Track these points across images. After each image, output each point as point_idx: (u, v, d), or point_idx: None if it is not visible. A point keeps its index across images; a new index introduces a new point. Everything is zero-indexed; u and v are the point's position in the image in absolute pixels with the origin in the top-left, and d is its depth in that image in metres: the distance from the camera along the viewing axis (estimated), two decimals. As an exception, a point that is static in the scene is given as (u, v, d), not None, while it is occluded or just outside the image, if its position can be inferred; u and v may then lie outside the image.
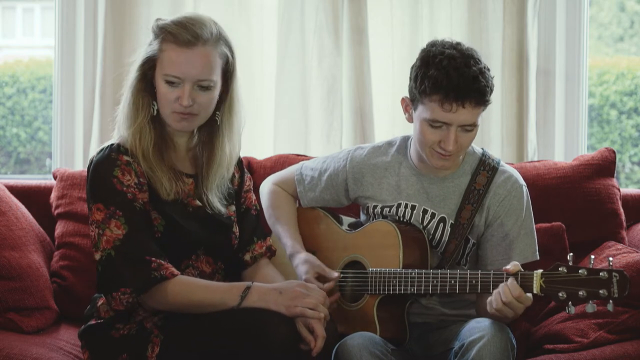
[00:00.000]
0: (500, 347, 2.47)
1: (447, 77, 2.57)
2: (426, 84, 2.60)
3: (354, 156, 2.88)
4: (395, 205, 2.79)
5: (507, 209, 2.73)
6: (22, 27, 4.46)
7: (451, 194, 2.76)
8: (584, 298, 2.40)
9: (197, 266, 2.60)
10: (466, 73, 2.57)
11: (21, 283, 2.92)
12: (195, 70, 2.49)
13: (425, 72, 2.61)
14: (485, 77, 2.61)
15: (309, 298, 2.45)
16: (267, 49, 3.67)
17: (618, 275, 2.38)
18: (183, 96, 2.49)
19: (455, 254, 2.73)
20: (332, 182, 2.89)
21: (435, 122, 2.62)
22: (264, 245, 2.75)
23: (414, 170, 2.80)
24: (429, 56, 2.63)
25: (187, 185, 2.59)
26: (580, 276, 2.40)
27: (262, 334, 2.35)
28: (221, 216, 2.62)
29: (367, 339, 2.56)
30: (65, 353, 2.77)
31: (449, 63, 2.58)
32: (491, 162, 2.78)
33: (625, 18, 4.31)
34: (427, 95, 2.60)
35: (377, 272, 2.68)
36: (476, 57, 2.63)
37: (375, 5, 3.63)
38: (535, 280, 2.45)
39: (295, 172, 2.95)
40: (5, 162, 4.22)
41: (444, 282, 2.59)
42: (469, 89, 2.57)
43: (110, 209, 2.47)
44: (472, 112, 2.60)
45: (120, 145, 2.53)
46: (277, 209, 2.91)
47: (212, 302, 2.46)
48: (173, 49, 2.49)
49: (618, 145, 4.19)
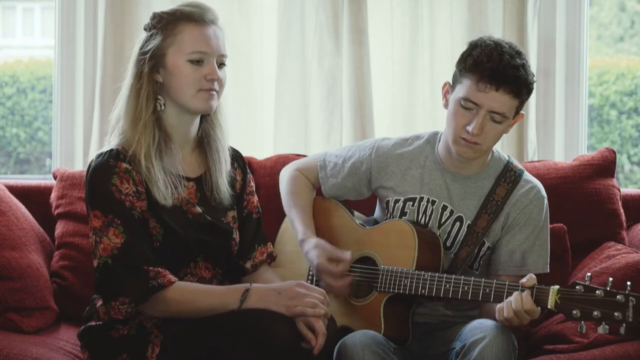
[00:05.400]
0: (502, 348, 2.47)
1: (489, 58, 2.62)
2: (468, 61, 2.65)
3: (381, 146, 2.88)
4: (418, 198, 2.79)
5: (527, 217, 2.74)
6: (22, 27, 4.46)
7: (471, 195, 2.76)
8: (597, 319, 2.39)
9: (196, 273, 2.59)
10: (508, 60, 2.62)
11: (21, 283, 2.92)
12: (217, 45, 2.53)
13: (470, 52, 2.67)
14: (527, 72, 2.65)
15: (309, 297, 2.44)
16: (267, 48, 3.67)
17: (635, 300, 2.36)
18: (213, 70, 2.52)
19: (467, 260, 2.73)
20: (355, 170, 2.89)
21: (467, 101, 2.64)
22: (265, 252, 2.74)
23: (439, 165, 2.80)
24: (479, 41, 2.69)
25: (188, 189, 2.58)
26: (597, 297, 2.39)
27: (263, 334, 2.34)
28: (222, 223, 2.62)
29: (369, 337, 2.55)
30: (65, 353, 2.77)
31: (495, 48, 2.64)
32: (513, 174, 2.77)
33: (625, 18, 4.31)
34: (467, 72, 2.65)
35: (389, 270, 2.68)
36: (524, 55, 2.68)
37: (375, 5, 3.63)
38: (551, 295, 2.44)
39: (319, 158, 2.96)
40: (5, 162, 4.21)
41: (457, 288, 2.58)
42: (506, 74, 2.61)
43: (108, 217, 2.46)
44: (504, 100, 2.62)
45: (119, 152, 2.51)
46: (294, 195, 2.91)
47: (212, 306, 2.45)
48: (194, 26, 2.51)
49: (618, 145, 4.18)
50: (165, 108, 2.56)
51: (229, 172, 2.66)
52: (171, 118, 2.57)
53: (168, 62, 2.52)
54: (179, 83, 2.52)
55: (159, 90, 2.54)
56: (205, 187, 2.61)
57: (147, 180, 2.50)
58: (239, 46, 3.63)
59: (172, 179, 2.54)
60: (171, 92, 2.54)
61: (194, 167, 2.63)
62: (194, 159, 2.63)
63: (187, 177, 2.59)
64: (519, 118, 2.73)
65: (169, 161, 2.55)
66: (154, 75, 2.53)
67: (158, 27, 2.52)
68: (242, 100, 3.66)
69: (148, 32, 2.54)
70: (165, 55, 2.52)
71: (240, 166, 2.74)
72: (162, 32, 2.52)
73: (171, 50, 2.51)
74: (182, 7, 2.54)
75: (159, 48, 2.51)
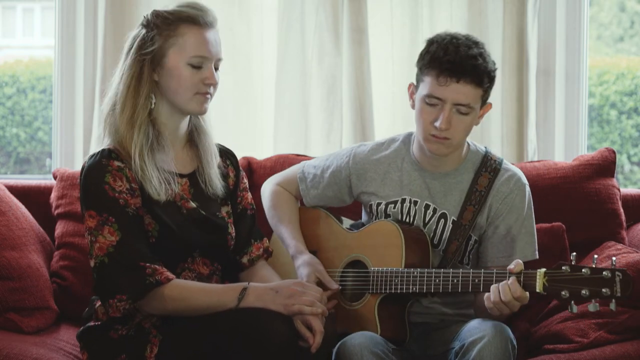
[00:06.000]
0: (501, 348, 2.47)
1: (445, 52, 2.63)
2: (426, 58, 2.66)
3: (357, 153, 2.88)
4: (400, 200, 2.79)
5: (509, 206, 2.74)
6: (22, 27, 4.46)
7: (452, 190, 2.77)
8: (586, 297, 2.40)
9: (194, 268, 2.59)
10: (464, 51, 2.63)
11: (21, 283, 2.92)
12: (217, 50, 2.55)
13: (428, 49, 2.68)
14: (485, 60, 2.65)
15: (306, 296, 2.45)
16: (267, 48, 3.67)
17: (621, 274, 2.38)
18: (212, 75, 2.53)
19: (456, 254, 2.73)
20: (335, 179, 2.89)
21: (431, 97, 2.65)
22: (261, 247, 2.74)
23: (416, 166, 2.80)
24: (436, 37, 2.70)
25: (181, 186, 2.58)
26: (583, 275, 2.41)
27: (261, 333, 2.34)
28: (216, 217, 2.62)
29: (368, 338, 2.56)
30: (65, 353, 2.77)
31: (451, 41, 2.65)
32: (493, 162, 2.78)
33: (625, 18, 4.31)
34: (426, 69, 2.66)
35: (379, 272, 2.68)
36: (481, 44, 2.68)
37: (375, 5, 3.63)
38: (538, 279, 2.45)
39: (298, 171, 2.95)
40: (5, 162, 4.21)
41: (446, 282, 2.59)
42: (465, 65, 2.61)
43: (102, 216, 2.46)
44: (466, 91, 2.63)
45: (111, 151, 2.51)
46: (279, 210, 2.91)
47: (209, 304, 2.45)
48: (197, 30, 2.52)
49: (618, 145, 4.18)
50: (157, 106, 2.55)
51: (220, 166, 2.67)
52: (163, 116, 2.57)
53: (167, 63, 2.51)
54: (177, 85, 2.52)
55: (153, 89, 2.54)
56: (200, 180, 2.62)
57: (140, 178, 2.50)
58: (239, 46, 3.63)
59: (166, 175, 2.54)
60: (168, 93, 2.54)
61: (185, 163, 2.63)
62: (185, 154, 2.63)
63: (179, 173, 2.59)
64: (487, 108, 2.74)
65: (161, 158, 2.55)
66: (151, 74, 2.53)
67: (159, 27, 2.51)
68: (242, 100, 3.66)
69: (146, 31, 2.53)
70: (165, 56, 2.51)
71: (232, 163, 2.74)
72: (163, 32, 2.51)
73: (172, 52, 2.51)
74: (184, 8, 2.54)
75: (160, 48, 2.51)
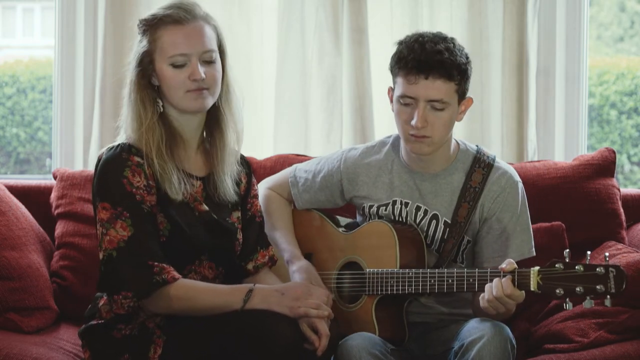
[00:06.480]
0: (501, 347, 2.47)
1: (411, 50, 2.64)
2: (394, 59, 2.68)
3: (348, 157, 2.88)
4: (391, 202, 2.79)
5: (502, 205, 2.73)
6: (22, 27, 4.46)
7: (443, 191, 2.76)
8: (581, 294, 2.40)
9: (200, 271, 2.58)
10: (430, 47, 2.63)
11: (21, 283, 2.92)
12: (197, 43, 2.51)
13: (396, 50, 2.70)
14: (452, 54, 2.63)
15: (312, 298, 2.45)
16: (267, 49, 3.67)
17: (614, 270, 2.39)
18: (194, 70, 2.50)
19: (450, 254, 2.73)
20: (327, 183, 2.88)
21: (404, 97, 2.65)
22: (267, 255, 2.74)
23: (405, 168, 2.80)
24: (404, 38, 2.71)
25: (195, 188, 2.58)
26: (577, 272, 2.41)
27: (266, 335, 2.34)
28: (226, 222, 2.62)
29: (367, 339, 2.56)
30: (66, 352, 2.77)
31: (417, 39, 2.66)
32: (486, 159, 2.77)
33: (625, 18, 4.31)
34: (396, 71, 2.67)
35: (374, 273, 2.68)
36: (450, 39, 2.67)
37: (375, 5, 3.63)
38: (532, 277, 2.45)
39: (289, 175, 2.94)
40: (5, 162, 4.22)
41: (442, 281, 2.59)
42: (430, 60, 2.61)
43: (117, 209, 2.46)
44: (437, 86, 2.62)
45: (131, 146, 2.52)
46: (272, 214, 2.89)
47: (214, 305, 2.45)
48: (171, 29, 2.51)
49: (618, 145, 4.19)
50: (166, 109, 2.57)
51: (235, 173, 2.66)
52: (173, 118, 2.58)
53: (156, 67, 2.53)
54: (167, 87, 2.53)
55: (157, 93, 2.56)
56: (211, 186, 2.61)
57: (160, 177, 2.50)
58: (239, 46, 3.63)
59: (183, 175, 2.55)
60: (165, 95, 2.55)
61: (200, 166, 2.63)
62: (199, 158, 2.64)
63: (195, 175, 2.60)
64: (468, 103, 2.72)
65: (179, 158, 2.57)
66: (151, 79, 2.55)
67: (145, 33, 2.54)
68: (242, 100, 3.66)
69: (139, 39, 2.56)
70: (154, 61, 2.53)
71: (245, 170, 2.74)
72: (148, 37, 2.53)
73: (156, 56, 2.53)
74: (162, 9, 2.54)
75: (147, 54, 2.53)
